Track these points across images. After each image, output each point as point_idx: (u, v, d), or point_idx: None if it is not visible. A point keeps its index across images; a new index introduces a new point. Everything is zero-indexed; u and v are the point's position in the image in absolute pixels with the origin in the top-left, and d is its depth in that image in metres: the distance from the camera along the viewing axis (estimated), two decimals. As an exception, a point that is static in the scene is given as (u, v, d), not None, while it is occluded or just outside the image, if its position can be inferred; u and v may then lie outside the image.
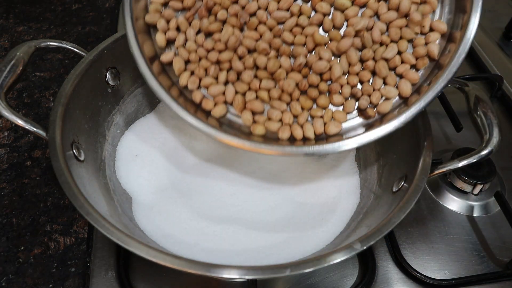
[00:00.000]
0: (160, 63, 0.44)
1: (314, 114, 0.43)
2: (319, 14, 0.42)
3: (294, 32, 0.42)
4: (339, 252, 0.34)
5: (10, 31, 0.72)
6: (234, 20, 0.43)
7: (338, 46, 0.41)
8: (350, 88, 0.42)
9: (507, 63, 0.68)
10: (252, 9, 0.42)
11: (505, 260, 0.45)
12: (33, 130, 0.40)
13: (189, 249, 0.41)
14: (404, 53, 0.41)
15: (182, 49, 0.44)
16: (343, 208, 0.46)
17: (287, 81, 0.42)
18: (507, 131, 0.58)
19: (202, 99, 0.44)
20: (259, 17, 0.42)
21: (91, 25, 0.74)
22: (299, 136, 0.42)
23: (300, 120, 0.43)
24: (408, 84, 0.41)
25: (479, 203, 0.50)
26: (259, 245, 0.42)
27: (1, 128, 0.57)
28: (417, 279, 0.43)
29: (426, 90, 0.40)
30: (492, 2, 0.79)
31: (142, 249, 0.33)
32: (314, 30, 0.42)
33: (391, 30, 0.41)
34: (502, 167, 0.53)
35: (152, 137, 0.51)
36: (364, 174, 0.49)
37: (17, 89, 0.62)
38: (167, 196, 0.46)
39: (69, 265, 0.45)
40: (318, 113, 0.43)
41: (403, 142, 0.44)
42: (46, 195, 0.50)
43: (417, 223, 0.48)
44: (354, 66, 0.42)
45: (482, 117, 0.41)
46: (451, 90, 0.49)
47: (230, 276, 0.32)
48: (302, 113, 0.43)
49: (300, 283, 0.43)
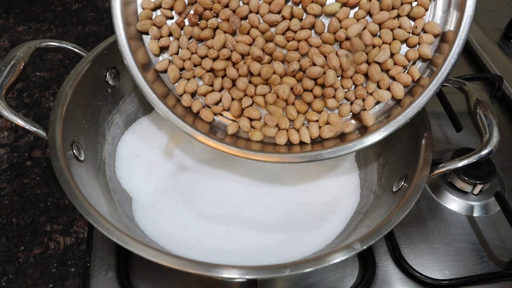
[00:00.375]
0: (154, 70, 0.45)
1: (309, 118, 0.43)
2: (310, 16, 0.42)
3: (287, 37, 0.42)
4: (339, 252, 0.34)
5: (10, 31, 0.72)
6: (226, 26, 0.43)
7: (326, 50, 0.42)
8: (344, 92, 0.43)
9: (507, 63, 0.68)
10: (243, 13, 0.42)
11: (505, 260, 0.45)
12: (33, 130, 0.40)
13: (189, 249, 0.41)
14: (396, 55, 0.41)
15: (176, 57, 0.44)
16: (343, 208, 0.46)
17: (281, 86, 0.42)
18: (507, 131, 0.58)
19: (200, 109, 0.44)
20: (251, 21, 0.42)
21: (91, 25, 0.74)
22: (296, 141, 0.43)
23: (296, 125, 0.43)
24: (401, 86, 0.41)
25: (479, 203, 0.50)
26: (259, 245, 0.42)
27: (1, 128, 0.57)
28: (417, 279, 0.43)
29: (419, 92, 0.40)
30: (492, 2, 0.79)
31: (142, 249, 0.33)
32: (307, 34, 0.42)
33: (382, 32, 0.41)
34: (502, 167, 0.53)
35: (152, 137, 0.51)
36: (364, 174, 0.49)
37: (17, 89, 0.62)
38: (167, 196, 0.46)
39: (69, 265, 0.45)
40: (314, 117, 0.43)
41: (403, 142, 0.45)
42: (46, 195, 0.50)
43: (417, 223, 0.48)
44: (347, 70, 0.42)
45: (482, 117, 0.41)
46: (451, 90, 0.49)
47: (230, 276, 0.32)
48: (298, 117, 0.43)
49: (300, 283, 0.43)
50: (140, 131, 0.52)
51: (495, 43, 0.71)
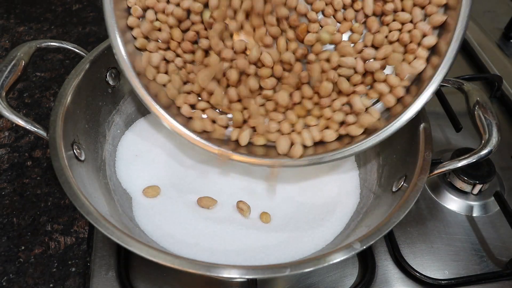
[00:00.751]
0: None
1: (308, 123, 0.44)
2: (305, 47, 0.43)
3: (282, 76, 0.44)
4: (339, 251, 0.34)
5: (11, 31, 0.72)
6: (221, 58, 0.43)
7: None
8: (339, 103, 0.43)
9: (507, 63, 0.68)
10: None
11: (504, 259, 0.45)
12: (34, 130, 0.40)
13: (189, 249, 0.42)
14: (389, 76, 0.42)
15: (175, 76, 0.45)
16: (343, 208, 0.46)
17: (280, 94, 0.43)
18: (507, 131, 0.58)
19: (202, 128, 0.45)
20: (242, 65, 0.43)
21: (91, 26, 0.74)
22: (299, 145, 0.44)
23: (297, 128, 0.43)
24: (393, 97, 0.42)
25: (478, 203, 0.50)
26: (259, 245, 0.42)
27: (2, 128, 0.57)
28: (416, 278, 0.43)
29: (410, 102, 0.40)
30: (491, 3, 0.79)
31: (143, 249, 0.33)
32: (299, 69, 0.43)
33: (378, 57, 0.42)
34: (501, 167, 0.53)
35: (152, 137, 0.51)
36: (364, 174, 0.49)
37: (18, 89, 0.62)
38: (167, 196, 0.46)
39: (69, 264, 0.45)
40: (313, 122, 0.43)
41: (403, 142, 0.45)
42: (47, 195, 0.50)
43: (416, 223, 0.48)
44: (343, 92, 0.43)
45: (481, 117, 0.41)
46: (450, 90, 0.49)
47: (230, 276, 0.32)
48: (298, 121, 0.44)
49: (300, 283, 0.43)
50: (140, 131, 0.52)
51: (494, 43, 0.71)
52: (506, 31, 0.73)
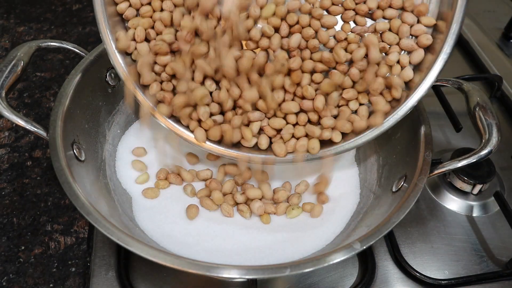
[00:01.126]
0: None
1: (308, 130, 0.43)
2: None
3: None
4: (339, 252, 0.34)
5: (11, 31, 0.72)
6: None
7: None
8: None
9: (507, 63, 0.68)
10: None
11: (504, 259, 0.45)
12: (34, 130, 0.40)
13: (189, 249, 0.42)
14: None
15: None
16: (342, 208, 0.46)
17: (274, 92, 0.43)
18: (507, 131, 0.58)
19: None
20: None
21: (91, 26, 0.74)
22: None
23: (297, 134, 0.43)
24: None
25: (478, 203, 0.50)
26: (259, 245, 0.42)
27: (2, 128, 0.57)
28: (416, 278, 0.43)
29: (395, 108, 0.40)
30: (491, 3, 0.79)
31: (143, 249, 0.33)
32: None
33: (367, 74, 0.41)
34: (501, 167, 0.53)
35: (153, 137, 0.51)
36: (364, 174, 0.49)
37: (18, 89, 0.62)
38: (167, 196, 0.46)
39: (69, 264, 0.45)
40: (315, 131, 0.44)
41: (403, 142, 0.45)
42: (47, 195, 0.50)
43: (416, 223, 0.48)
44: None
45: (481, 118, 0.41)
46: (450, 90, 0.49)
47: (230, 276, 0.32)
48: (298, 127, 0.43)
49: (300, 283, 0.43)
50: (140, 131, 0.52)
51: (494, 43, 0.71)
52: (506, 31, 0.73)
